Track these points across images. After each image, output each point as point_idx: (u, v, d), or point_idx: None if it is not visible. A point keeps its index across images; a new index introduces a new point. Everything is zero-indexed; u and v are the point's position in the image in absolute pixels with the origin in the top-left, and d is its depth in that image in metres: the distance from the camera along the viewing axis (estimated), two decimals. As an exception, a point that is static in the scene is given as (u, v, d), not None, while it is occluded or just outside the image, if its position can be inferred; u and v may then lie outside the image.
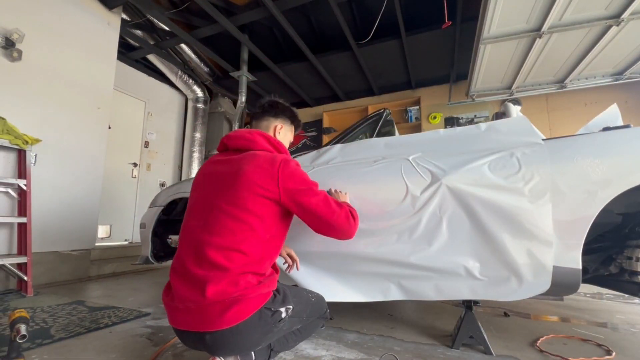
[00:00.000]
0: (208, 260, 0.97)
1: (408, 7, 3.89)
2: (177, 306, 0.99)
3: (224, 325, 0.94)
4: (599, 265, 1.47)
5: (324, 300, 1.32)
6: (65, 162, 3.02)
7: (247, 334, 0.99)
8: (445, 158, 1.47)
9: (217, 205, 1.03)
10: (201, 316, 0.95)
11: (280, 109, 1.33)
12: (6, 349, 1.15)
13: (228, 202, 1.02)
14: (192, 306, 0.96)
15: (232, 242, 0.99)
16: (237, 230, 1.00)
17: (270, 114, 1.32)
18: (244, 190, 1.02)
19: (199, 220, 1.06)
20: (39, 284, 2.72)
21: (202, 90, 5.58)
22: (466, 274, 1.29)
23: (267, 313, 1.01)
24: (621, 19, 2.55)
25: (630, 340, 1.61)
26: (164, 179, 5.27)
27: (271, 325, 1.03)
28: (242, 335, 0.98)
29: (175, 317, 1.01)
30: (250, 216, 1.02)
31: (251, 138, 1.17)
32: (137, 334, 1.57)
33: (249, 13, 3.67)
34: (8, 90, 2.65)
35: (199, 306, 0.95)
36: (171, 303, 1.01)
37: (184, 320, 0.98)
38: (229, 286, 0.95)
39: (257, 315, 0.98)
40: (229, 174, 1.07)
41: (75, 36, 3.17)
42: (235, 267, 0.98)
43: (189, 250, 1.03)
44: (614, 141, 1.24)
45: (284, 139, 1.35)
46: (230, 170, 1.08)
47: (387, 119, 2.24)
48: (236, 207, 1.01)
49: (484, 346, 1.39)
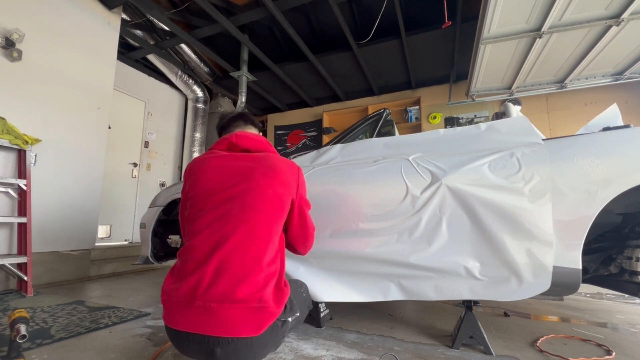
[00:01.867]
0: (243, 251, 0.93)
1: (408, 7, 3.89)
2: (188, 302, 0.88)
3: (244, 333, 0.87)
4: (599, 265, 1.47)
5: (308, 289, 1.37)
6: (65, 162, 3.02)
7: (259, 348, 0.94)
8: (445, 158, 1.47)
9: (247, 202, 0.99)
10: (220, 318, 0.86)
11: (249, 117, 1.33)
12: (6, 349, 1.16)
13: (261, 199, 1.00)
14: (212, 303, 0.87)
15: (261, 237, 0.97)
16: (263, 224, 0.99)
17: (240, 120, 1.30)
18: (276, 185, 1.04)
19: (222, 211, 0.99)
20: (39, 284, 2.72)
21: (202, 90, 5.59)
22: (466, 274, 1.29)
23: (278, 324, 0.98)
24: (621, 19, 2.55)
25: (630, 340, 1.61)
26: (164, 179, 5.27)
27: (280, 337, 1.02)
28: (254, 349, 0.92)
29: (179, 315, 0.89)
30: (276, 210, 1.04)
31: (261, 140, 1.19)
32: (137, 334, 1.57)
33: (249, 13, 3.67)
34: (8, 90, 2.65)
35: (223, 302, 0.86)
36: (180, 297, 0.89)
37: (194, 321, 0.87)
38: (259, 286, 0.91)
39: (271, 328, 0.94)
40: (257, 170, 1.04)
41: (75, 36, 3.17)
42: (264, 264, 0.94)
43: (211, 241, 0.94)
44: (614, 141, 1.24)
45: None
46: (259, 167, 1.06)
47: (387, 119, 2.24)
48: (266, 203, 1.01)
49: (484, 346, 1.39)
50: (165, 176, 5.32)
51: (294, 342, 1.49)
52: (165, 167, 5.34)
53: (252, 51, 4.34)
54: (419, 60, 4.69)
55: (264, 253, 0.96)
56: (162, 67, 4.83)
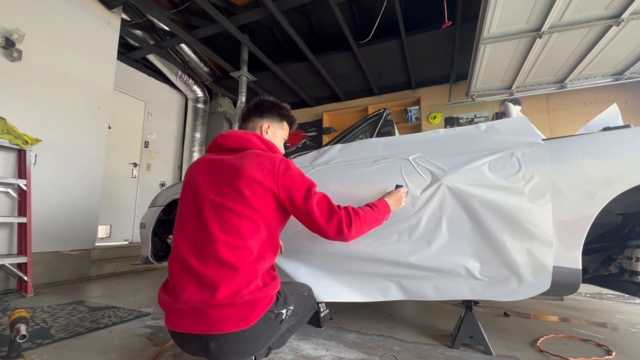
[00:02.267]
0: (215, 258, 0.95)
1: (408, 7, 3.90)
2: (179, 307, 0.94)
3: (232, 328, 0.91)
4: (599, 265, 1.47)
5: (312, 291, 1.33)
6: (65, 162, 3.02)
7: (252, 339, 0.97)
8: (445, 158, 1.47)
9: (218, 202, 1.02)
10: (208, 318, 0.91)
11: (267, 107, 1.31)
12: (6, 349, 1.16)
13: (230, 199, 1.01)
14: (198, 307, 0.92)
15: (237, 239, 0.97)
16: (241, 226, 0.99)
17: (256, 114, 1.31)
18: (246, 186, 1.01)
19: (199, 217, 1.03)
20: (39, 284, 2.72)
21: (202, 90, 5.59)
22: (466, 274, 1.29)
23: (271, 316, 1.00)
24: (621, 19, 2.55)
25: (630, 340, 1.61)
26: (164, 179, 5.27)
27: (275, 329, 1.03)
28: (247, 340, 0.95)
29: (176, 319, 0.96)
30: (252, 212, 1.01)
31: (247, 138, 1.17)
32: (137, 334, 1.57)
33: (249, 13, 3.67)
34: (8, 91, 2.65)
35: (206, 307, 0.91)
36: (173, 304, 0.96)
37: (187, 323, 0.93)
38: (239, 287, 0.93)
39: (263, 319, 0.96)
40: (229, 171, 1.05)
41: (75, 36, 3.17)
42: (243, 265, 0.96)
43: (189, 249, 1.00)
44: (614, 141, 1.24)
45: (274, 137, 1.32)
46: (230, 167, 1.06)
47: (387, 119, 2.24)
48: (238, 203, 1.00)
49: (484, 346, 1.39)
50: (165, 176, 5.32)
51: (294, 342, 1.49)
52: (165, 167, 5.34)
53: (252, 51, 4.34)
54: (419, 60, 4.69)
55: (243, 253, 0.97)
56: (162, 67, 4.83)
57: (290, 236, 1.59)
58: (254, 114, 1.31)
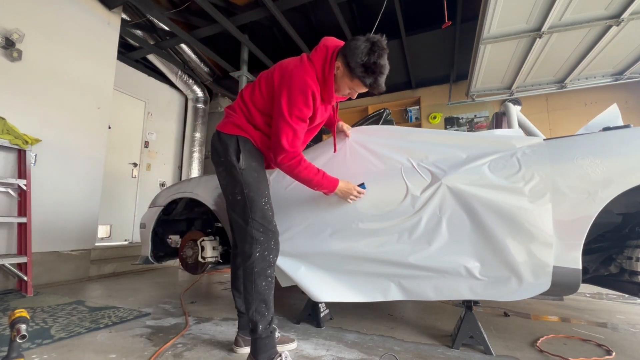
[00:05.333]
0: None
1: (408, 7, 3.89)
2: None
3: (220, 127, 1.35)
4: (599, 265, 1.46)
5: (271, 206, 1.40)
6: (65, 162, 3.02)
7: (223, 145, 1.32)
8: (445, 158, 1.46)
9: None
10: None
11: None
12: (6, 349, 1.15)
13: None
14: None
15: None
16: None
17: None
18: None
19: None
20: (39, 284, 2.72)
21: (202, 90, 5.58)
22: (466, 274, 1.29)
23: (235, 165, 1.30)
24: (621, 19, 2.55)
25: (630, 340, 1.61)
26: (164, 179, 5.27)
27: (236, 174, 1.29)
28: (220, 140, 1.34)
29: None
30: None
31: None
32: (137, 334, 1.57)
33: (249, 13, 3.67)
34: (8, 90, 2.65)
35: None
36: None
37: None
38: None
39: (229, 141, 1.32)
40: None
41: (75, 36, 3.17)
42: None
43: None
44: (614, 141, 1.24)
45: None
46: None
47: (387, 119, 2.24)
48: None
49: (484, 346, 1.39)
50: (165, 176, 5.32)
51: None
52: (165, 167, 5.34)
53: (252, 51, 4.34)
54: (419, 60, 4.69)
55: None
56: (162, 67, 4.82)
57: (291, 236, 1.59)
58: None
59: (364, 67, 1.18)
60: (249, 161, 1.29)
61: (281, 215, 1.61)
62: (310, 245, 1.55)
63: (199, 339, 1.52)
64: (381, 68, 1.19)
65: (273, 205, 1.36)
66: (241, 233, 1.27)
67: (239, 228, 1.29)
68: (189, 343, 1.47)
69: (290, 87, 1.20)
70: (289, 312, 2.02)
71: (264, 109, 1.30)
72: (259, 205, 1.26)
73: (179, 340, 1.50)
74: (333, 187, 1.36)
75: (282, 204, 1.62)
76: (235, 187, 1.27)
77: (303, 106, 1.20)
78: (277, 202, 1.63)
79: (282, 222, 1.61)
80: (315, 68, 1.24)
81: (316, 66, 1.25)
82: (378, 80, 1.22)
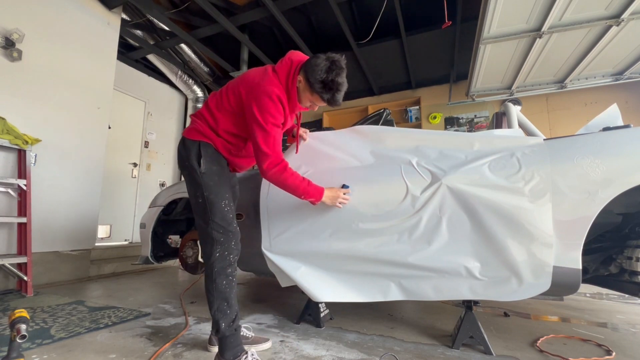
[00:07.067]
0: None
1: (408, 7, 3.89)
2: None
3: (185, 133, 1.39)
4: (599, 265, 1.47)
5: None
6: (65, 162, 3.01)
7: (185, 151, 1.37)
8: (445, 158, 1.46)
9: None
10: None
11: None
12: (6, 349, 1.15)
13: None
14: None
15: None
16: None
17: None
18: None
19: None
20: (39, 284, 2.72)
21: (202, 90, 5.57)
22: (466, 274, 1.29)
23: (195, 168, 1.33)
24: (621, 19, 2.55)
25: (630, 340, 1.61)
26: (164, 179, 5.26)
27: (197, 176, 1.32)
28: (184, 147, 1.37)
29: None
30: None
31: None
32: (137, 334, 1.57)
33: (249, 13, 3.67)
34: (8, 90, 2.64)
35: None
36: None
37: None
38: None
39: (191, 147, 1.36)
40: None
41: (75, 36, 3.17)
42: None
43: None
44: (614, 141, 1.24)
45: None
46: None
47: (387, 119, 2.24)
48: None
49: (484, 346, 1.39)
50: (165, 176, 5.32)
51: (294, 342, 1.49)
52: (165, 167, 5.34)
53: (252, 51, 4.34)
54: (419, 60, 4.68)
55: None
56: (162, 67, 4.82)
57: (291, 236, 1.59)
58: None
59: (322, 84, 1.27)
60: (210, 165, 1.33)
61: (281, 216, 1.61)
62: (310, 245, 1.55)
63: (199, 339, 1.52)
64: (338, 85, 1.29)
65: (271, 206, 1.39)
66: (202, 234, 1.33)
67: (200, 229, 1.34)
68: (189, 343, 1.47)
69: (257, 97, 1.25)
70: (289, 312, 2.02)
71: (231, 119, 1.34)
72: (219, 207, 1.30)
73: (179, 340, 1.50)
74: (319, 195, 1.39)
75: (282, 204, 1.62)
76: (197, 190, 1.32)
77: (275, 112, 1.26)
78: (277, 203, 1.64)
79: (282, 222, 1.61)
80: (279, 79, 1.31)
81: (280, 77, 1.32)
82: (335, 97, 1.31)
